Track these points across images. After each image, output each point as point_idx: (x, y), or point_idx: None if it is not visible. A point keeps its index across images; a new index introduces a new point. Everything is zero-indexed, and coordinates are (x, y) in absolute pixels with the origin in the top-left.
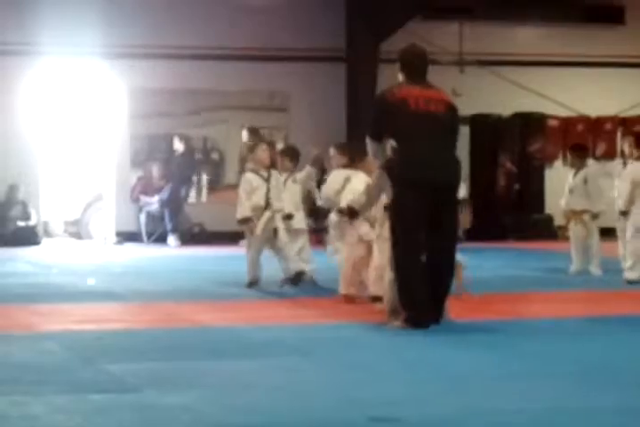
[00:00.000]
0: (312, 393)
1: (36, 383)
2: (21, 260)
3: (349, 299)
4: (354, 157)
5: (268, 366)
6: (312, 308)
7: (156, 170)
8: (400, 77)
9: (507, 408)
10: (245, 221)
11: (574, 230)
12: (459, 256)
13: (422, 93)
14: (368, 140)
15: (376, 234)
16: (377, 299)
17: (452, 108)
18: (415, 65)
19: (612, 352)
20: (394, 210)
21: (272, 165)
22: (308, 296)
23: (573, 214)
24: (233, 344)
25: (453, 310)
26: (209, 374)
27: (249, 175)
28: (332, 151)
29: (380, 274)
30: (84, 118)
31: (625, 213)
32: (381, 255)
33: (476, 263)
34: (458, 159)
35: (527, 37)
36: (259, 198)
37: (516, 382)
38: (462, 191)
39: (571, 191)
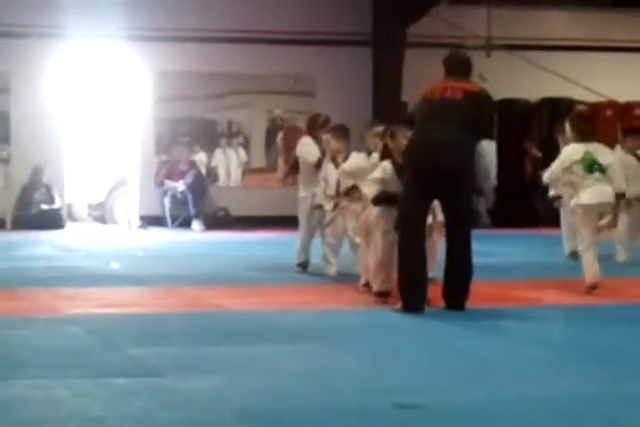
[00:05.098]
0: (336, 379)
1: (59, 367)
2: (45, 243)
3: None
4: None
5: (292, 351)
6: (337, 294)
7: (180, 154)
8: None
9: (533, 395)
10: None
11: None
12: None
13: (447, 84)
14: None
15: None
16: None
17: (470, 95)
18: (450, 62)
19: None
20: (402, 195)
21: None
22: (333, 283)
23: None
24: (257, 329)
25: (479, 296)
26: (232, 358)
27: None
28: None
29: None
30: (108, 102)
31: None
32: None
33: (505, 249)
34: (470, 144)
35: (555, 22)
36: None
37: (543, 368)
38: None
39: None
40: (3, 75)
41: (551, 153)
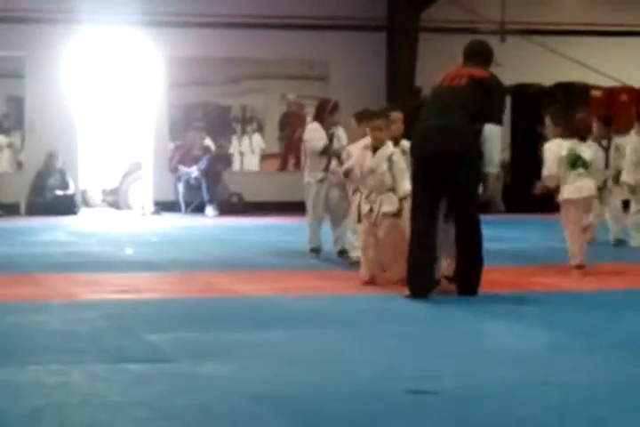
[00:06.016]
0: (350, 365)
1: (74, 352)
2: (60, 229)
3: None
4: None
5: (306, 336)
6: (350, 280)
7: (194, 139)
8: None
9: (548, 381)
10: None
11: None
12: None
13: (458, 72)
14: None
15: None
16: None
17: (475, 80)
18: (469, 51)
19: None
20: (412, 186)
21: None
22: (348, 268)
23: None
24: (271, 315)
25: (493, 282)
26: (246, 344)
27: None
28: None
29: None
30: (122, 87)
31: None
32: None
33: (520, 235)
34: (468, 130)
35: (570, 6)
36: None
37: (558, 354)
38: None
39: None
40: (17, 60)
41: None
